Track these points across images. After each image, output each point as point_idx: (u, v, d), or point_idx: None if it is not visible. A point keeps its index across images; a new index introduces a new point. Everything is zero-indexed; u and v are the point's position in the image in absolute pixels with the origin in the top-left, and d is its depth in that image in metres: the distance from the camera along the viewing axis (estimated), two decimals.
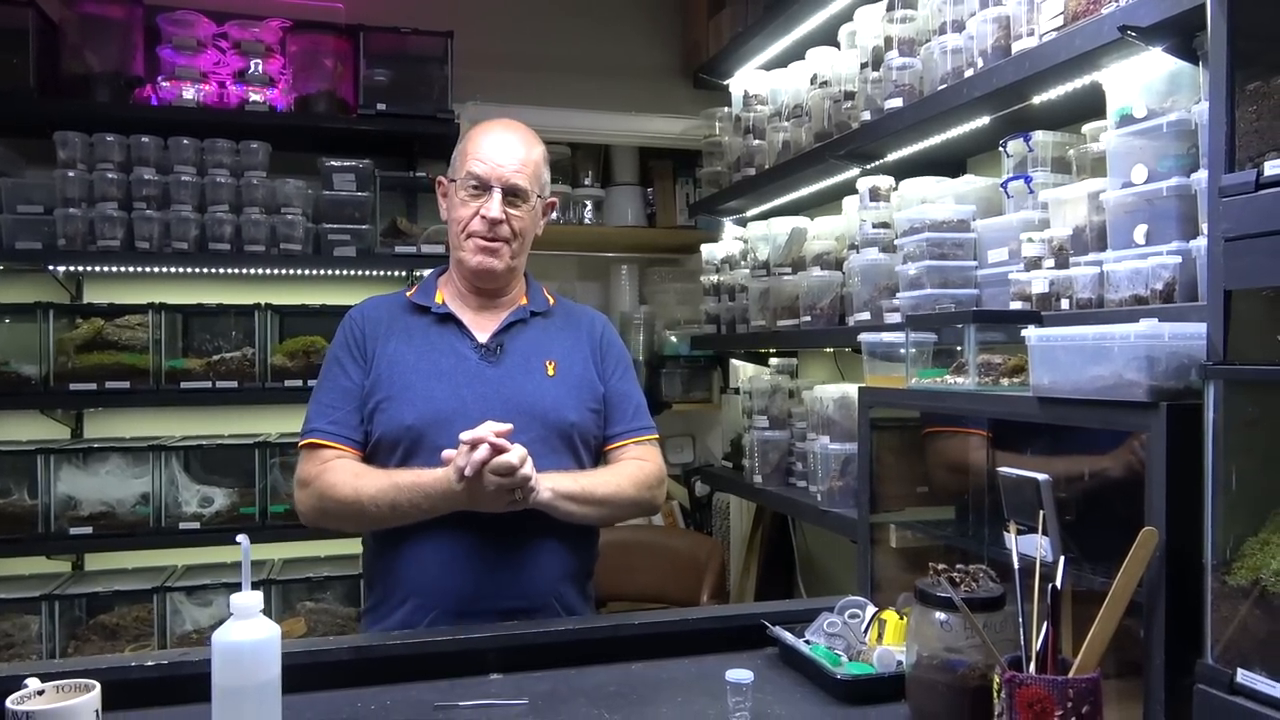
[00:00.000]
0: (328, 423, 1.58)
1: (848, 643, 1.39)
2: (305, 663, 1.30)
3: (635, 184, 4.24)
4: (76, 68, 2.83)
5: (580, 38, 3.64)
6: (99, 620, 2.74)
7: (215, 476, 2.89)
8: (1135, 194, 1.39)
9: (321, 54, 3.04)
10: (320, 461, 1.55)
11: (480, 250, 1.60)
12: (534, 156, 1.64)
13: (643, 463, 1.67)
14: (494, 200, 1.58)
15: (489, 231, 1.59)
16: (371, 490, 1.49)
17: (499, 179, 1.59)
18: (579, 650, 1.40)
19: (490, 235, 1.60)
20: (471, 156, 1.61)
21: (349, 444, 1.57)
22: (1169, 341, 1.12)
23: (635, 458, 1.67)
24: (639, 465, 1.66)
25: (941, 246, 1.89)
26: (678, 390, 4.03)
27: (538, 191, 1.65)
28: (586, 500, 1.55)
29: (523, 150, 1.62)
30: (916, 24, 2.08)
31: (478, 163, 1.60)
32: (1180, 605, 1.06)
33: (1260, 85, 1.05)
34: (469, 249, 1.61)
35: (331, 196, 2.99)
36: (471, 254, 1.61)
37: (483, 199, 1.59)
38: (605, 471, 1.65)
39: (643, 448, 1.69)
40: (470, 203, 1.60)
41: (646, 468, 1.66)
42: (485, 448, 1.40)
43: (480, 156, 1.60)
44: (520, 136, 1.65)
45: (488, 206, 1.59)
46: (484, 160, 1.60)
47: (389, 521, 1.51)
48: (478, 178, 1.59)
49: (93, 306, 2.88)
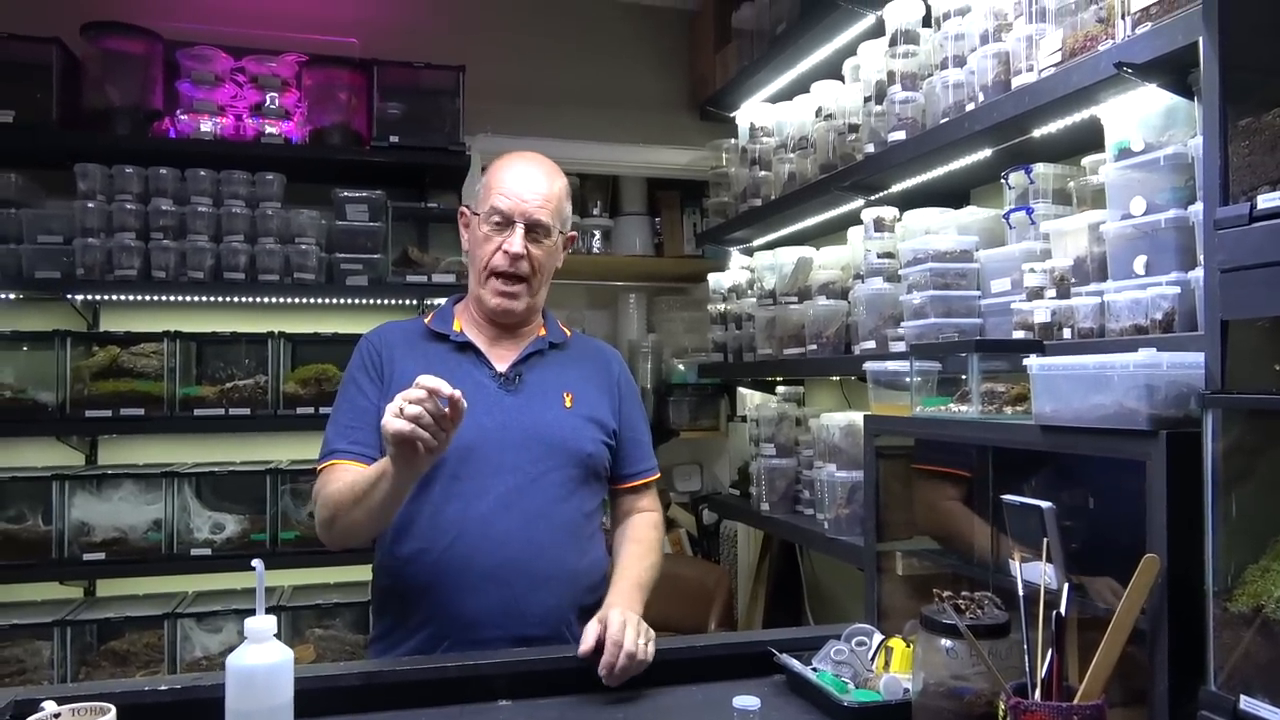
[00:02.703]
0: (348, 443, 1.57)
1: (855, 670, 1.39)
2: (317, 688, 1.31)
3: (643, 214, 4.29)
4: (97, 101, 2.90)
5: (589, 71, 3.71)
6: (110, 646, 2.75)
7: (227, 503, 2.91)
8: (1134, 226, 1.41)
9: (336, 88, 3.10)
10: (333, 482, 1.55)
11: (499, 294, 1.62)
12: (556, 190, 1.66)
13: (653, 515, 1.79)
14: (516, 235, 1.60)
15: (510, 266, 1.61)
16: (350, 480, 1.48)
17: (522, 214, 1.61)
18: (588, 677, 1.41)
19: (512, 271, 1.61)
20: (495, 190, 1.62)
21: (369, 462, 1.53)
22: (1168, 371, 1.14)
23: (646, 509, 1.78)
24: (653, 524, 1.77)
25: (945, 276, 1.92)
26: (685, 418, 4.05)
27: (559, 227, 1.67)
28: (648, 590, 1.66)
29: (545, 185, 1.64)
30: (919, 59, 2.12)
31: (501, 197, 1.61)
32: (1183, 632, 1.07)
33: (1252, 121, 1.07)
34: (489, 290, 1.63)
35: (344, 226, 3.04)
36: (491, 295, 1.63)
37: (505, 234, 1.61)
38: (642, 554, 1.70)
39: (650, 495, 1.81)
40: (493, 238, 1.62)
41: (656, 521, 1.79)
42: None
43: (504, 191, 1.61)
44: (544, 170, 1.67)
45: (510, 241, 1.60)
46: (507, 195, 1.61)
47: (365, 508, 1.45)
48: (501, 212, 1.61)
49: (109, 334, 2.92)
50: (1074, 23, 1.57)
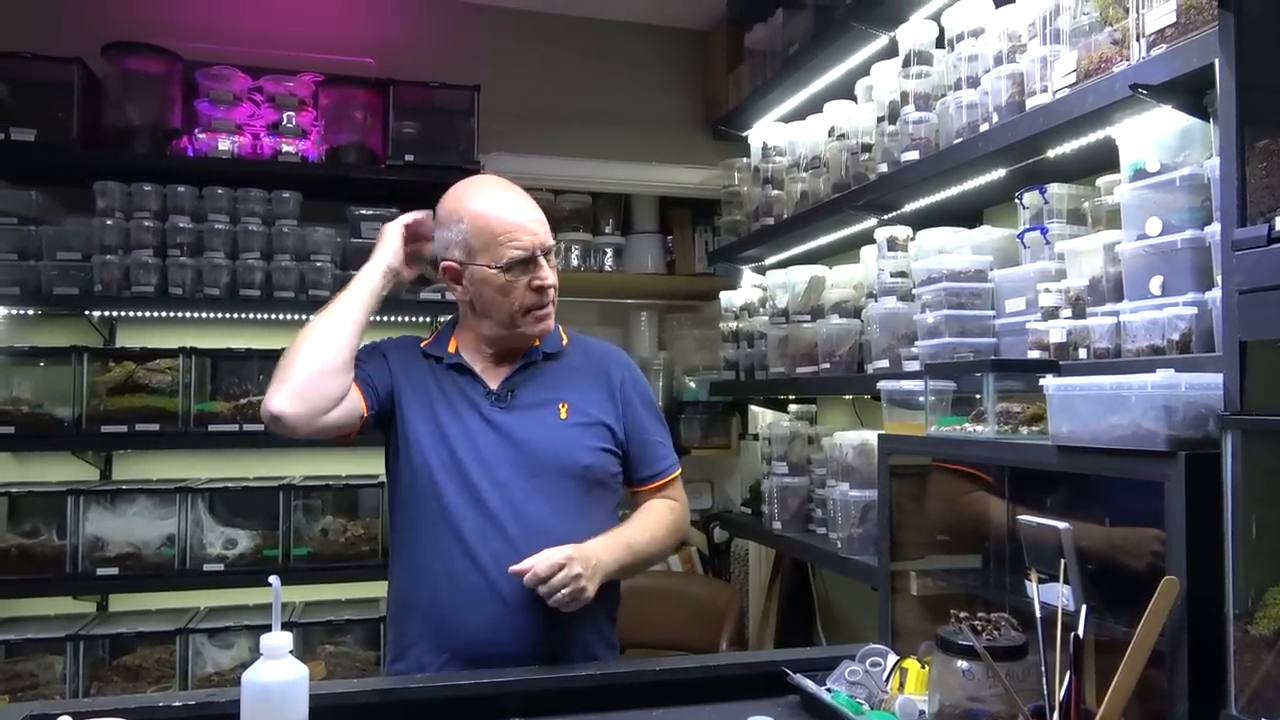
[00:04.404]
0: None
1: (869, 691, 1.38)
2: (330, 704, 1.31)
3: (655, 232, 4.30)
4: (117, 120, 2.94)
5: (602, 90, 3.73)
6: (122, 661, 2.76)
7: (240, 518, 2.92)
8: (1150, 246, 1.41)
9: (352, 107, 3.14)
10: None
11: (539, 320, 1.61)
12: (538, 207, 1.64)
13: (673, 503, 1.73)
14: (545, 268, 1.59)
15: (545, 300, 1.60)
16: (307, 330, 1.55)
17: (539, 246, 1.59)
18: (599, 696, 1.41)
19: (546, 302, 1.61)
20: (502, 236, 1.56)
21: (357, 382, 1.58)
22: (1186, 392, 1.13)
23: (667, 497, 1.73)
24: (670, 506, 1.72)
25: (959, 296, 1.92)
26: (696, 436, 4.03)
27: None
28: (638, 559, 1.62)
29: (535, 209, 1.62)
30: (932, 80, 2.13)
31: (514, 241, 1.56)
32: (1203, 655, 1.06)
33: (1269, 142, 1.08)
34: (528, 322, 1.61)
35: (359, 244, 3.05)
36: (532, 325, 1.61)
37: (531, 271, 1.58)
38: (643, 524, 1.67)
39: (673, 489, 1.75)
40: (518, 280, 1.58)
41: (677, 509, 1.73)
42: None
43: (509, 232, 1.56)
44: (520, 194, 1.64)
45: (541, 274, 1.59)
46: (517, 235, 1.57)
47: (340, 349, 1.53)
48: (523, 259, 1.57)
49: (125, 350, 2.95)
50: (1089, 44, 1.58)
